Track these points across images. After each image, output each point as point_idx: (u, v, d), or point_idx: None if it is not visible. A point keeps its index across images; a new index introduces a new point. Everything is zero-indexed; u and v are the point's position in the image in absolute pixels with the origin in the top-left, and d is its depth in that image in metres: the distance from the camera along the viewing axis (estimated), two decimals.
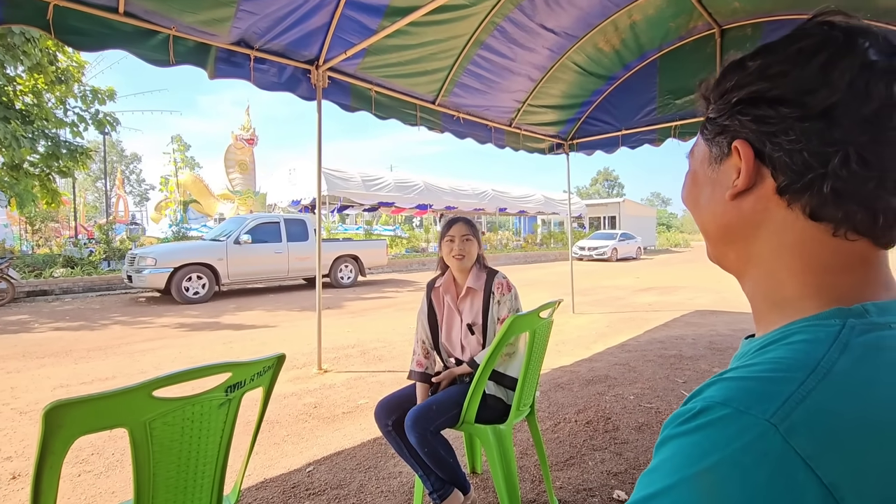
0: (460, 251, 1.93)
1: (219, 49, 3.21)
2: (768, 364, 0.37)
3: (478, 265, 1.99)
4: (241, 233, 9.36)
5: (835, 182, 0.38)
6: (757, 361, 0.38)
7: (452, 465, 1.81)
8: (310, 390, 3.62)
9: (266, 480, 2.29)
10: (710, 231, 0.51)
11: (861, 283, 0.41)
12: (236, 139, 21.98)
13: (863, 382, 0.35)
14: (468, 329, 1.94)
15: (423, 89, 4.48)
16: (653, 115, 5.27)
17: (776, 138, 0.41)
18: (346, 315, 7.11)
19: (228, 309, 7.84)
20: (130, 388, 0.85)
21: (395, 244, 17.92)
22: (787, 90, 0.41)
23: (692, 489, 0.32)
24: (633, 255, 21.76)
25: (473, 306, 1.94)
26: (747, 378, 0.36)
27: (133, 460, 0.90)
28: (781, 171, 0.41)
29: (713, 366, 3.98)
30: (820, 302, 0.41)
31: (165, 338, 5.63)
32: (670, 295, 8.85)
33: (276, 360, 1.13)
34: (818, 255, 0.42)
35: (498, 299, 1.91)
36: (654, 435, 2.65)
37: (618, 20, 4.41)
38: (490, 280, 1.94)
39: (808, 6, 3.93)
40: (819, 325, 0.39)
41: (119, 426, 0.86)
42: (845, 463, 0.31)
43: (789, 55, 0.41)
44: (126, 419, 0.87)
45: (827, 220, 0.40)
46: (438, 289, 2.04)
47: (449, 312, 2.01)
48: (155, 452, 0.91)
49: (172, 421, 0.93)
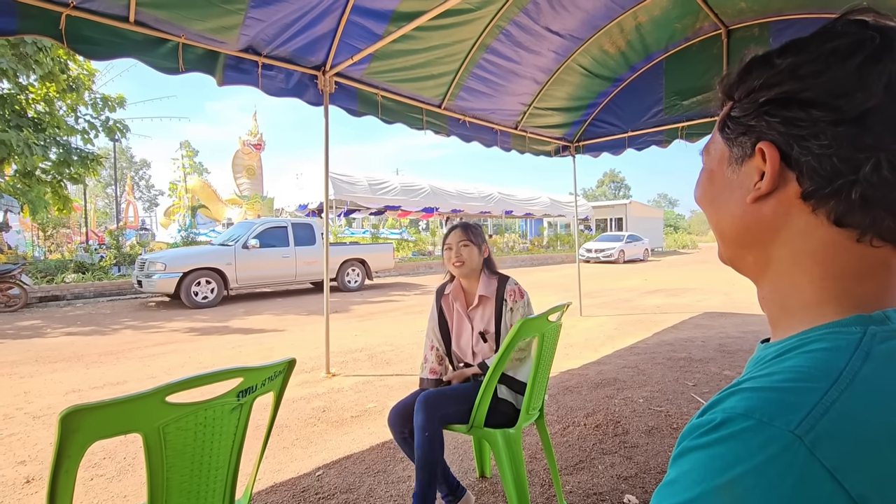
0: (458, 258, 1.93)
1: (227, 56, 3.24)
2: (789, 373, 0.36)
3: (487, 271, 1.98)
4: (250, 237, 9.43)
5: (864, 189, 0.37)
6: (776, 370, 0.38)
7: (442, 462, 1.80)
8: (318, 394, 3.63)
9: (276, 485, 2.30)
10: (726, 233, 0.50)
11: (882, 289, 0.40)
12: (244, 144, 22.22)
13: (888, 391, 0.34)
14: (480, 336, 1.93)
15: (429, 93, 4.50)
16: (659, 116, 5.24)
17: (805, 142, 0.39)
18: (353, 319, 7.13)
19: (237, 313, 7.89)
20: (144, 394, 0.86)
21: (401, 248, 17.96)
22: (819, 92, 0.39)
23: (715, 502, 0.31)
24: (641, 257, 21.64)
25: (485, 314, 1.93)
26: (768, 388, 0.35)
27: (147, 465, 0.91)
28: (808, 176, 0.40)
29: (723, 368, 3.94)
30: (839, 308, 0.40)
31: (175, 342, 5.67)
32: (679, 297, 8.79)
33: (286, 365, 1.14)
34: (839, 261, 0.40)
35: (511, 307, 1.89)
36: (665, 439, 2.63)
37: (623, 22, 4.40)
38: (502, 287, 1.93)
39: (820, 4, 3.90)
40: (839, 333, 0.38)
41: (133, 431, 0.87)
42: (873, 474, 0.30)
43: (822, 55, 0.40)
44: (140, 424, 0.88)
45: (852, 226, 0.39)
46: (448, 296, 2.03)
47: (459, 319, 2.00)
48: (168, 457, 0.92)
49: (185, 426, 0.94)
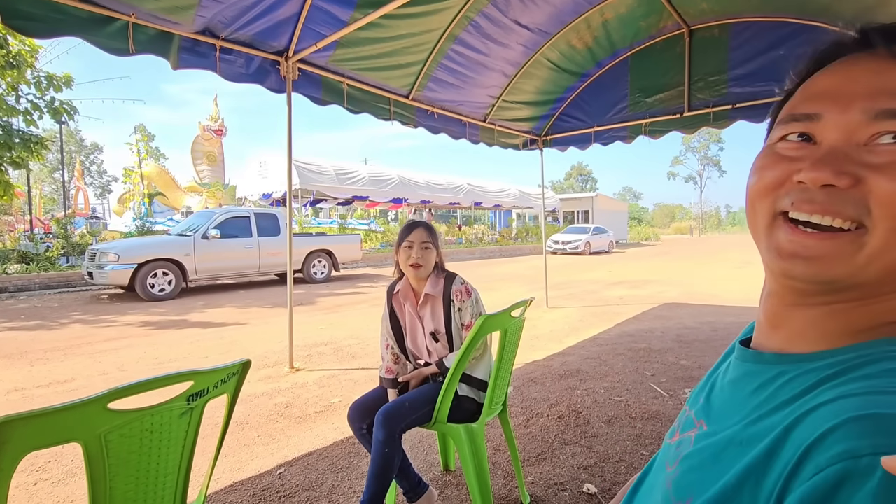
0: (417, 260, 1.83)
1: (182, 38, 3.08)
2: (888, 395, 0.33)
3: (436, 270, 1.91)
4: (210, 227, 9.10)
5: None
6: (864, 391, 0.34)
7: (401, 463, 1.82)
8: (281, 389, 3.56)
9: (235, 483, 2.24)
10: None
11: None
12: (204, 130, 21.36)
13: None
14: (432, 337, 1.91)
15: (397, 83, 4.43)
16: (624, 112, 5.35)
17: None
18: (319, 311, 7.01)
19: (196, 306, 7.63)
20: (84, 402, 0.81)
21: (369, 238, 17.76)
22: None
23: None
24: (606, 249, 22.22)
25: (435, 314, 1.88)
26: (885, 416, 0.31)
27: (87, 475, 0.86)
28: None
29: (680, 358, 4.10)
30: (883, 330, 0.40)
31: (129, 337, 5.43)
32: (640, 288, 9.08)
33: (240, 367, 1.10)
34: None
35: (458, 306, 1.85)
36: (624, 428, 2.72)
37: (590, 18, 4.45)
38: (448, 286, 1.87)
39: (774, 8, 4.05)
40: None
41: (72, 441, 0.82)
42: None
43: None
44: (79, 433, 0.83)
45: None
46: (398, 294, 1.97)
47: (411, 319, 1.96)
48: (111, 466, 0.87)
49: (130, 433, 0.89)
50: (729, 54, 4.46)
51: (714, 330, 5.20)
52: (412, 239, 1.86)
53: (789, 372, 0.42)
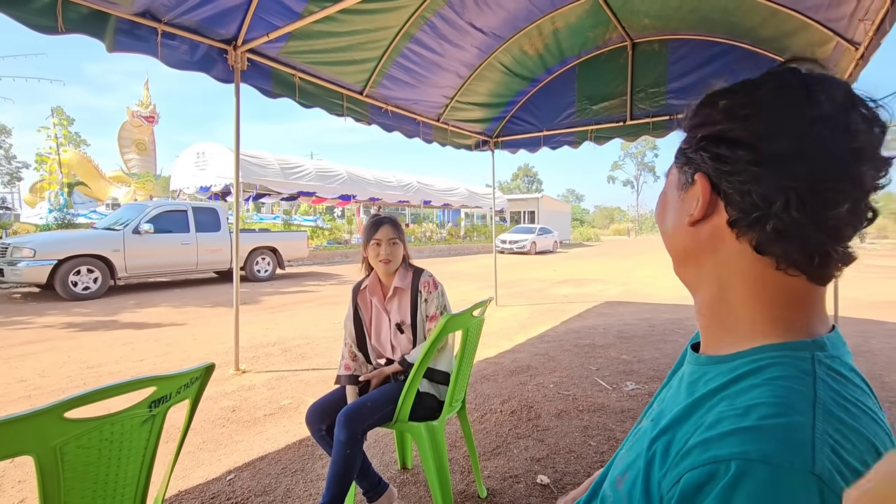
0: (387, 255, 1.89)
1: (119, 19, 2.86)
2: (768, 407, 0.39)
3: (404, 265, 1.97)
4: (143, 221, 8.50)
5: (776, 223, 0.42)
6: (749, 402, 0.40)
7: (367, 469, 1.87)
8: (227, 393, 3.41)
9: (182, 492, 2.13)
10: (671, 250, 0.54)
11: (805, 314, 0.45)
12: (133, 116, 19.83)
13: (852, 413, 0.39)
14: (397, 328, 1.93)
15: (351, 79, 4.36)
16: (572, 118, 5.58)
17: (731, 177, 0.44)
18: (264, 311, 6.76)
19: (127, 305, 7.11)
20: (38, 411, 0.75)
21: (316, 235, 17.31)
22: (744, 133, 0.44)
23: None
24: (551, 249, 22.98)
25: (402, 306, 1.93)
26: (761, 428, 0.37)
27: (39, 490, 0.80)
28: (733, 207, 0.45)
29: (622, 353, 4.35)
30: (776, 329, 0.45)
31: (50, 339, 4.98)
32: (584, 287, 9.49)
33: (203, 371, 1.06)
34: (765, 285, 0.45)
35: (425, 297, 1.92)
36: (572, 420, 2.85)
37: (542, 25, 4.60)
38: (416, 279, 1.94)
39: (707, 28, 4.38)
40: (789, 357, 0.43)
41: (23, 454, 0.76)
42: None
43: (755, 99, 0.44)
44: (31, 446, 0.77)
45: (769, 254, 0.44)
46: (364, 290, 1.99)
47: (377, 314, 1.99)
48: (66, 479, 0.82)
49: (88, 443, 0.84)
50: (668, 68, 4.77)
51: (651, 326, 5.55)
52: (379, 237, 1.90)
53: (709, 373, 0.48)
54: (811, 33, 3.65)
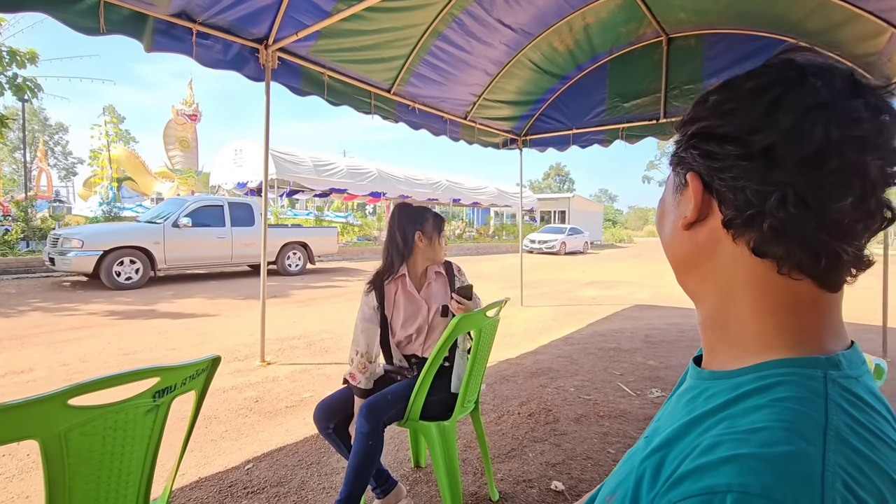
0: (446, 249, 2.07)
1: (157, 20, 2.98)
2: (773, 431, 0.35)
3: None
4: (181, 215, 8.85)
5: (773, 221, 0.38)
6: (752, 425, 0.36)
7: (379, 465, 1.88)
8: (251, 383, 3.50)
9: (201, 479, 2.20)
10: (670, 258, 0.51)
11: (816, 327, 0.41)
12: (177, 114, 20.69)
13: (866, 439, 0.35)
14: (441, 312, 1.96)
15: (379, 77, 4.39)
16: (602, 116, 5.44)
17: (722, 174, 0.41)
18: (292, 304, 6.91)
19: (165, 296, 7.42)
20: (43, 398, 0.79)
21: (346, 232, 17.59)
22: (733, 128, 0.41)
23: None
24: (581, 250, 22.57)
25: (445, 290, 2.00)
26: (763, 456, 0.33)
27: (45, 475, 0.83)
28: (727, 206, 0.42)
29: (648, 359, 4.21)
30: (783, 341, 0.41)
31: (93, 326, 5.25)
32: (612, 289, 9.27)
33: (209, 363, 1.08)
34: (770, 293, 0.41)
35: (460, 279, 2.07)
36: (592, 426, 2.78)
37: (572, 21, 4.50)
38: (448, 266, 2.08)
39: (748, 21, 4.18)
40: (798, 375, 0.39)
41: (29, 438, 0.80)
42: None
43: (743, 92, 0.41)
44: (37, 431, 0.80)
45: (770, 256, 0.40)
46: (395, 281, 1.94)
47: (408, 303, 1.93)
48: (71, 465, 0.85)
49: (92, 431, 0.87)
50: (704, 64, 4.58)
51: (681, 331, 5.36)
52: (445, 233, 2.07)
53: (710, 388, 0.44)
54: (862, 24, 3.42)
